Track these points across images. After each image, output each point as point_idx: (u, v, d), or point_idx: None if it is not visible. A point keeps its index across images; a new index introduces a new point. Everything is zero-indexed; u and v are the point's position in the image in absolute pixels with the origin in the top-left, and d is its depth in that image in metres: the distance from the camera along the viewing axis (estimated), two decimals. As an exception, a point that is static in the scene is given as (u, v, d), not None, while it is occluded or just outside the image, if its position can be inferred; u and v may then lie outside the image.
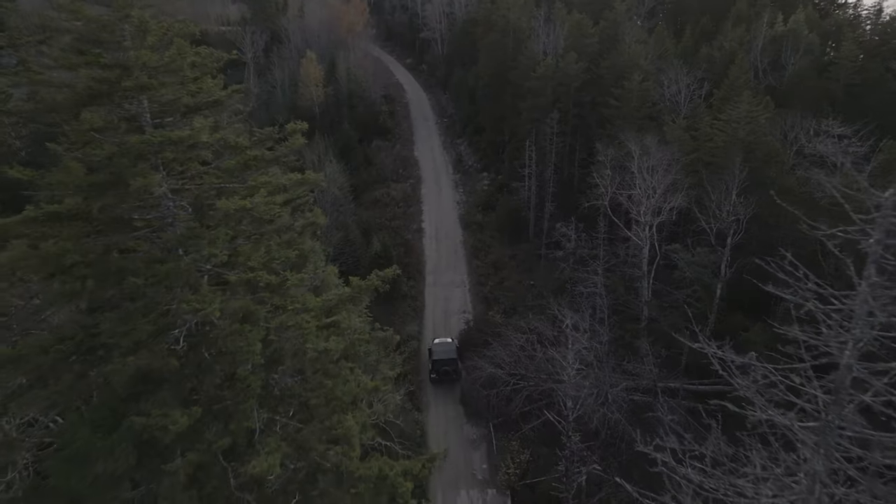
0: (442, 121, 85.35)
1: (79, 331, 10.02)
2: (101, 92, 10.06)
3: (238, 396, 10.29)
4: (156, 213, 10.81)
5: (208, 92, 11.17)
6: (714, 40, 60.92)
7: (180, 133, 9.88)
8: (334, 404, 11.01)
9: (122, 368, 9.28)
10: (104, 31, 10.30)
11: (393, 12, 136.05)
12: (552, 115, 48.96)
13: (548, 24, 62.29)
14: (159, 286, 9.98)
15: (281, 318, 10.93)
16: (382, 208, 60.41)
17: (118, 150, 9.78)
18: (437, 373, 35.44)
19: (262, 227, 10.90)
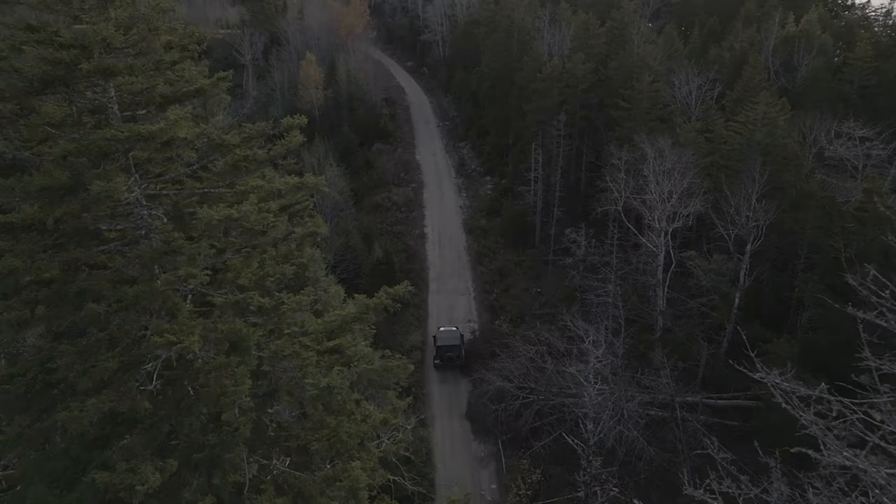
0: (444, 124, 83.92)
1: (33, 365, 8.49)
2: (56, 77, 8.50)
3: (224, 442, 8.73)
4: (127, 222, 9.24)
5: (189, 80, 9.63)
6: (723, 41, 59.59)
7: (151, 127, 8.29)
8: (339, 448, 9.46)
9: (79, 414, 7.76)
10: (59, 2, 8.76)
11: (393, 15, 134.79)
12: (559, 117, 47.51)
13: (553, 25, 60.94)
14: (127, 312, 8.44)
15: (276, 345, 9.37)
16: (384, 213, 58.93)
17: (74, 148, 8.20)
18: (441, 358, 36.14)
19: (253, 238, 9.35)
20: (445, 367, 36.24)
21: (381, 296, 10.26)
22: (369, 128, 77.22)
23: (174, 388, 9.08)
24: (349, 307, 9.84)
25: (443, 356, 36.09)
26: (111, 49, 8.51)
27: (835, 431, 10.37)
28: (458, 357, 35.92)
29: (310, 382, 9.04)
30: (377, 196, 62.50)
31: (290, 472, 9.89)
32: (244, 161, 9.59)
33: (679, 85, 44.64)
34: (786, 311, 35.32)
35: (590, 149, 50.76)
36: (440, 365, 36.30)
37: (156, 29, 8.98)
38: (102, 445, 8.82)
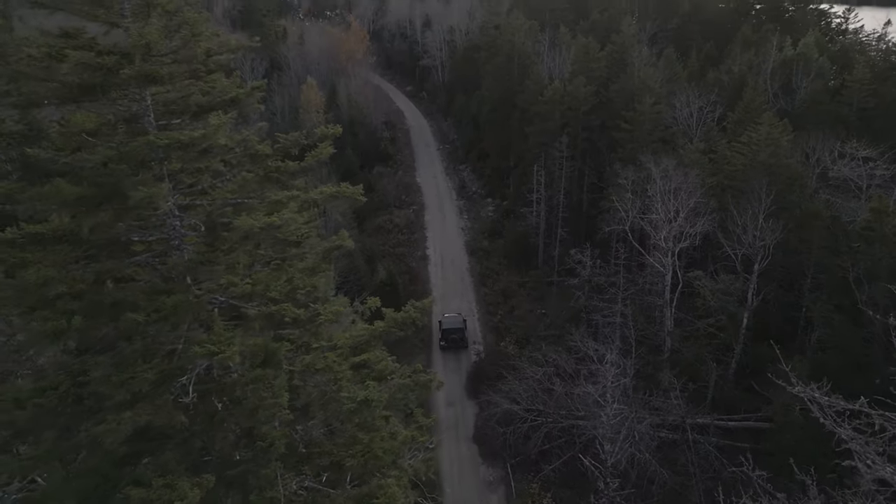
0: (444, 147, 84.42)
1: (64, 378, 8.25)
2: (95, 84, 8.39)
3: (258, 458, 8.47)
4: (159, 233, 9.06)
5: (223, 90, 9.55)
6: (721, 65, 60.36)
7: (192, 134, 8.18)
8: (373, 465, 9.19)
9: (116, 427, 7.52)
10: (99, 6, 8.70)
11: (392, 40, 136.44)
12: (561, 138, 47.81)
13: (553, 49, 61.68)
14: (164, 323, 8.22)
15: (307, 360, 9.14)
16: (386, 235, 58.86)
17: (115, 155, 8.07)
18: (446, 340, 40.00)
19: (285, 250, 9.21)
20: (450, 348, 40.08)
21: (408, 310, 10.07)
22: (370, 151, 77.58)
23: (205, 401, 8.84)
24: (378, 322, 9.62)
25: (448, 338, 39.92)
26: (152, 55, 8.44)
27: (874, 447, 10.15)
28: (461, 339, 39.98)
29: (346, 396, 8.78)
30: (379, 218, 62.51)
31: (324, 489, 9.59)
32: (276, 172, 9.50)
33: (680, 107, 45.06)
34: (794, 331, 35.15)
35: (592, 170, 51.00)
36: (445, 346, 40.05)
37: (199, 35, 8.94)
38: (133, 462, 8.54)
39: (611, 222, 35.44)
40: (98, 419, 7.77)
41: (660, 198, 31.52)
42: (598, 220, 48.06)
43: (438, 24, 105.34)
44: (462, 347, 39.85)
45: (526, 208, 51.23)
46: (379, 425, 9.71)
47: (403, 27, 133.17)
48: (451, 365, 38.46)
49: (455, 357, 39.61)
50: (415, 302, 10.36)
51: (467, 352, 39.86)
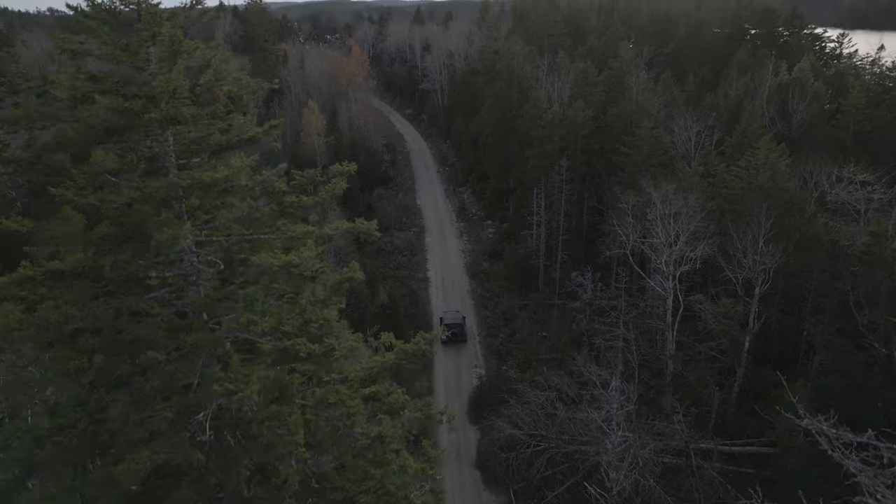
0: (443, 169, 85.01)
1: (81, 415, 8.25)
2: (121, 127, 8.55)
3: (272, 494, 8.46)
4: (177, 269, 9.18)
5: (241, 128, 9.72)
6: (717, 89, 61.11)
7: (214, 174, 8.34)
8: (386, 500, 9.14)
9: (135, 467, 7.51)
10: (126, 54, 8.88)
11: (392, 64, 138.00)
12: (560, 162, 48.22)
13: (552, 74, 62.48)
14: (183, 361, 8.25)
15: (319, 394, 9.15)
16: (386, 257, 59.02)
17: (139, 196, 8.20)
18: (447, 335, 41.08)
19: (301, 285, 9.28)
20: (451, 343, 42.62)
21: (418, 341, 10.09)
22: (370, 173, 78.06)
23: (221, 437, 8.83)
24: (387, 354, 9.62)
25: (448, 333, 41.04)
26: (177, 98, 8.63)
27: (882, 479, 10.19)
28: (461, 334, 43.11)
29: (360, 432, 8.81)
30: (379, 241, 62.63)
31: (337, 525, 9.60)
32: (291, 207, 9.64)
33: (678, 131, 45.53)
34: (795, 354, 35.20)
35: (591, 193, 51.37)
36: (446, 341, 42.31)
37: (222, 79, 9.14)
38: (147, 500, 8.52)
39: (612, 246, 35.63)
40: (115, 457, 7.77)
41: (660, 222, 31.74)
42: (598, 243, 48.32)
43: (438, 49, 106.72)
44: (462, 341, 43.33)
45: (526, 231, 51.49)
46: (390, 458, 9.72)
47: (403, 51, 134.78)
48: (452, 388, 38.34)
49: (456, 381, 39.49)
50: (424, 333, 10.40)
51: (469, 375, 39.80)
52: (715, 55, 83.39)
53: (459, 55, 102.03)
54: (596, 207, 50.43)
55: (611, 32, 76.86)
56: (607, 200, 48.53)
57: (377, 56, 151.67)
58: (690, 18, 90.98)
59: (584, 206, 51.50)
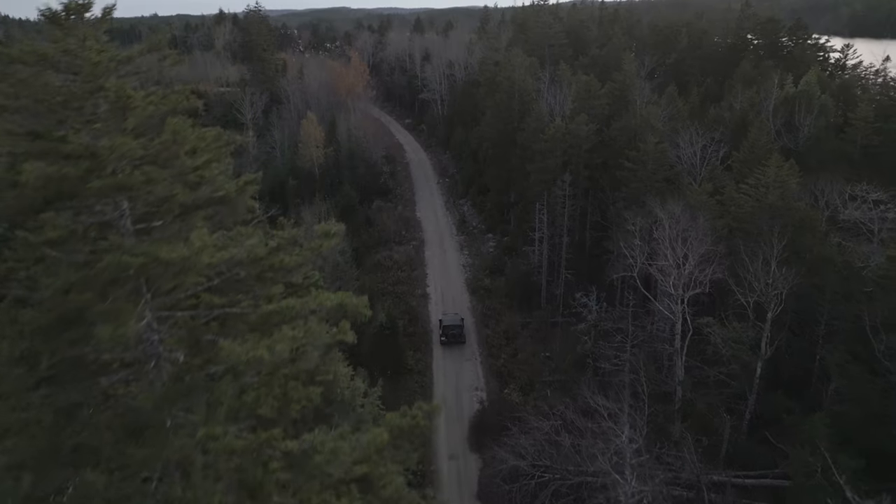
0: (443, 181, 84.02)
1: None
2: (63, 193, 7.35)
3: None
4: (135, 352, 7.95)
5: (212, 182, 8.52)
6: (721, 101, 60.15)
7: (171, 253, 7.07)
8: None
9: None
10: (68, 108, 7.69)
11: (391, 73, 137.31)
12: (563, 177, 47.17)
13: (553, 86, 61.48)
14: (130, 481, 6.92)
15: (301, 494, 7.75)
16: (385, 272, 57.84)
17: (79, 280, 6.95)
18: (447, 336, 44.13)
19: (280, 368, 8.03)
20: (449, 344, 44.10)
21: (416, 414, 8.82)
22: (369, 185, 77.11)
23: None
24: (377, 430, 8.34)
25: (448, 334, 44.13)
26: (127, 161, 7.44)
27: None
28: (459, 335, 44.25)
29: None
30: (378, 255, 61.62)
31: None
32: (271, 269, 8.46)
33: (684, 146, 44.45)
34: (807, 378, 33.99)
35: (595, 208, 50.29)
36: (446, 342, 44.14)
37: (183, 140, 7.97)
38: None
39: (618, 269, 34.48)
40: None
41: (668, 244, 30.62)
42: (601, 259, 47.28)
43: (438, 58, 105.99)
44: (460, 342, 44.34)
45: (528, 247, 50.37)
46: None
47: (403, 60, 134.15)
48: (452, 413, 37.07)
49: (457, 403, 38.23)
50: (423, 405, 9.17)
51: (469, 398, 38.60)
52: (718, 66, 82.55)
53: (459, 65, 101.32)
54: (599, 223, 49.35)
55: (612, 43, 76.04)
56: (611, 216, 47.49)
57: (377, 65, 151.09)
58: (692, 29, 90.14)
59: (587, 222, 50.42)
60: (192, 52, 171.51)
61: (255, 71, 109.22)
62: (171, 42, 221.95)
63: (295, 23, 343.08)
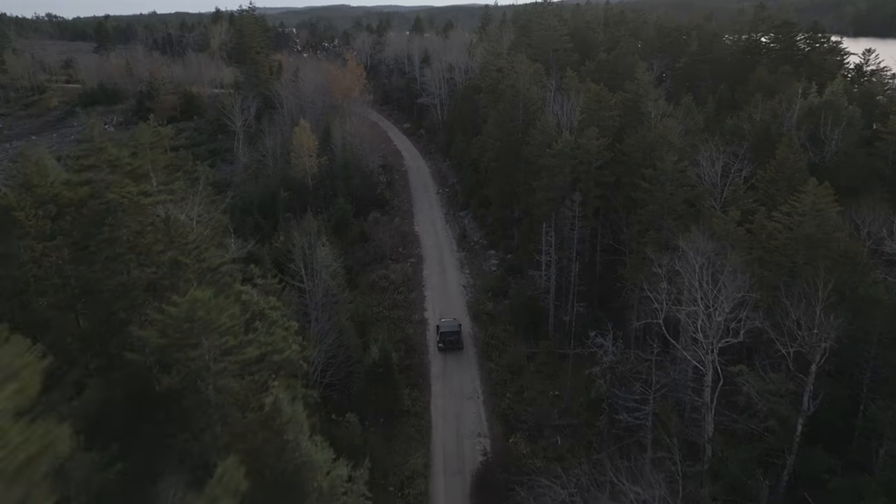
0: (443, 191, 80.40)
1: None
2: None
3: None
4: None
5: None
6: (739, 111, 56.53)
7: None
8: None
9: None
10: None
11: (390, 75, 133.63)
12: (573, 196, 43.60)
13: (560, 94, 57.84)
14: None
15: None
16: (380, 294, 54.29)
17: None
18: (444, 342, 44.11)
19: None
20: (447, 350, 44.13)
21: None
22: (365, 196, 73.57)
23: None
24: None
25: (445, 340, 44.03)
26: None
27: None
28: (457, 341, 44.24)
29: None
30: (373, 273, 58.09)
31: None
32: None
33: (705, 165, 40.83)
34: (849, 431, 30.41)
35: (606, 230, 46.69)
36: (443, 348, 44.17)
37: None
38: None
39: (641, 315, 30.88)
40: None
41: (697, 283, 27.03)
42: (614, 287, 43.78)
43: (437, 61, 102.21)
44: (458, 349, 44.16)
45: (534, 270, 46.82)
46: None
47: (402, 62, 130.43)
48: (452, 466, 33.52)
49: (457, 454, 34.63)
50: None
51: (472, 446, 35.05)
52: (730, 70, 79.01)
53: (460, 68, 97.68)
54: (612, 246, 45.78)
55: (621, 47, 72.33)
56: (624, 239, 43.93)
57: (375, 66, 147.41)
58: (702, 31, 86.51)
59: (598, 244, 46.81)
60: (187, 53, 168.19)
61: (248, 74, 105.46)
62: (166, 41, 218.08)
63: (294, 21, 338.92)
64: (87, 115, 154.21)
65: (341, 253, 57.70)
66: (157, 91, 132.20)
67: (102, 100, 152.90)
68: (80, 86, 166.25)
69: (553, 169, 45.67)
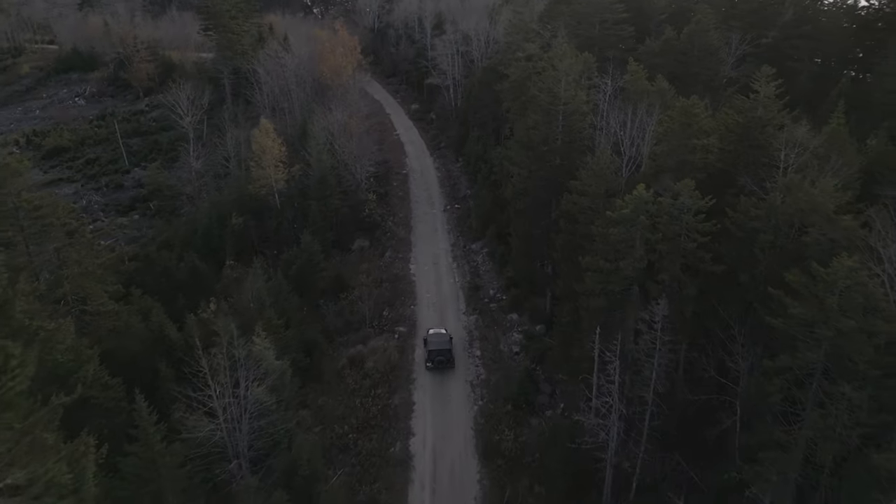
0: (453, 207, 62.33)
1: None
2: None
3: None
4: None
5: None
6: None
7: None
8: None
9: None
10: None
11: (398, 43, 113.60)
12: (657, 304, 25.79)
13: (616, 99, 39.13)
14: None
15: None
16: (349, 395, 37.42)
17: None
18: (433, 361, 38.72)
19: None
20: (438, 370, 38.53)
21: None
22: (348, 219, 55.98)
23: None
24: None
25: (434, 359, 38.63)
26: None
27: None
28: (447, 360, 38.75)
29: None
30: (347, 348, 41.37)
31: None
32: None
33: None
34: None
35: (710, 350, 28.78)
36: (432, 367, 38.69)
37: None
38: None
39: None
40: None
41: None
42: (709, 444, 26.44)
43: (452, 30, 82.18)
44: (449, 368, 38.82)
45: (580, 416, 29.28)
46: None
47: (411, 27, 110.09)
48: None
49: None
50: None
51: None
52: (842, 48, 59.02)
53: (479, 39, 77.96)
54: (714, 378, 28.01)
55: (697, 20, 52.50)
56: (740, 373, 26.24)
57: (383, 30, 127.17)
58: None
59: (694, 374, 29.13)
60: (170, 10, 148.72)
61: (220, 44, 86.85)
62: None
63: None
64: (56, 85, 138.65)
65: (298, 323, 40.93)
66: (130, 58, 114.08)
67: (78, 66, 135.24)
68: (57, 48, 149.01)
69: (615, 242, 27.75)
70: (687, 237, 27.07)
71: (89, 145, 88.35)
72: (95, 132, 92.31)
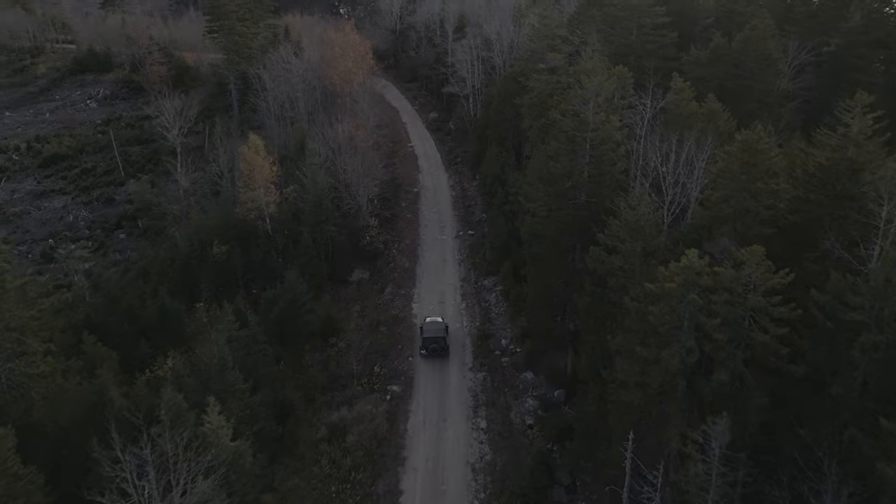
0: (465, 232, 55.64)
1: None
2: None
3: None
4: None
5: None
6: None
7: None
8: None
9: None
10: None
11: (418, 47, 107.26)
12: (710, 421, 18.84)
13: (657, 122, 32.07)
14: None
15: None
16: (322, 486, 31.03)
17: None
18: (427, 349, 38.63)
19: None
20: (433, 357, 38.59)
21: None
22: (346, 248, 49.76)
23: None
24: None
25: (428, 347, 38.58)
26: None
27: None
28: (442, 348, 38.84)
29: None
30: (329, 413, 35.07)
31: None
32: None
33: None
34: None
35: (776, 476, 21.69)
36: (426, 355, 38.72)
37: None
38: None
39: None
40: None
41: None
42: None
43: (473, 33, 75.36)
44: (444, 356, 38.73)
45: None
46: None
47: (432, 30, 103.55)
48: None
49: None
50: None
51: None
52: None
53: (502, 44, 71.18)
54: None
55: (753, 27, 44.88)
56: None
57: (404, 32, 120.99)
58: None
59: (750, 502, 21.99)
60: (188, 11, 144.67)
61: (226, 48, 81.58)
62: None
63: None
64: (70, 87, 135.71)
65: (277, 377, 34.88)
66: (143, 60, 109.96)
67: (94, 67, 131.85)
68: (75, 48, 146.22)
69: (655, 325, 20.83)
70: (754, 324, 20.06)
71: (89, 153, 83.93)
72: (97, 139, 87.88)
